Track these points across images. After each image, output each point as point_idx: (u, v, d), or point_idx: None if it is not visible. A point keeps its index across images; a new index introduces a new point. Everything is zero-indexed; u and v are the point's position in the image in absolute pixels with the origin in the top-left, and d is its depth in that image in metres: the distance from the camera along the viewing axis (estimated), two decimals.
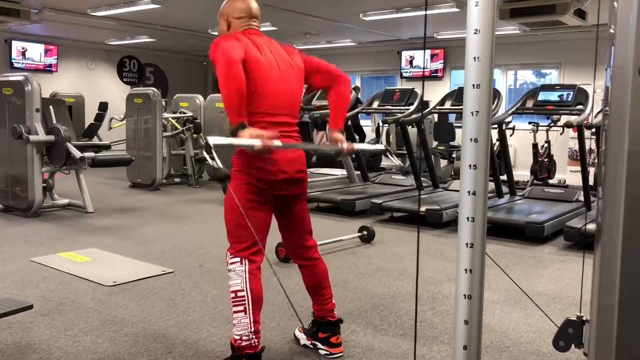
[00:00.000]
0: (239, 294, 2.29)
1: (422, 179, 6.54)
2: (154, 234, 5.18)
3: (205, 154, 2.03)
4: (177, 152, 8.75)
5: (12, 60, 11.62)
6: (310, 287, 2.64)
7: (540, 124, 8.00)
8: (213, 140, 2.01)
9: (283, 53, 2.45)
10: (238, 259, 2.32)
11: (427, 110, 7.38)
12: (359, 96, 10.30)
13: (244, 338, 2.30)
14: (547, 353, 2.69)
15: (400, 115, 6.44)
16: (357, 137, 10.02)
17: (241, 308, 2.29)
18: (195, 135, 8.53)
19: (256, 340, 2.31)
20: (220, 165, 1.98)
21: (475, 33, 1.58)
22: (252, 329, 2.30)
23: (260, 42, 2.38)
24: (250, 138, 2.09)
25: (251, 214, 2.33)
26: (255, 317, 2.31)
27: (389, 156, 2.68)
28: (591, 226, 3.52)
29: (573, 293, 3.61)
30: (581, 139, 5.65)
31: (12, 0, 8.22)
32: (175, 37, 11.44)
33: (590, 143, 7.56)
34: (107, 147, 6.90)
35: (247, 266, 2.31)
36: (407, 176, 2.81)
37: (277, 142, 2.15)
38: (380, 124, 10.82)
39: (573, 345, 1.63)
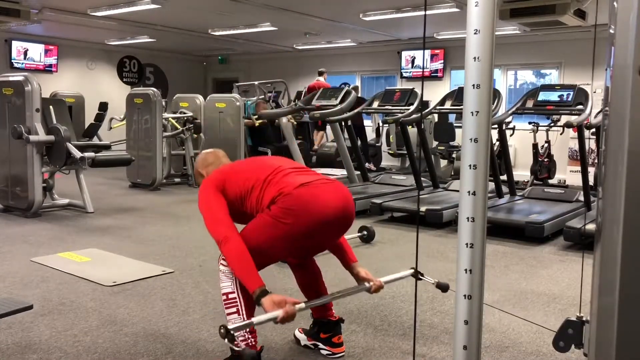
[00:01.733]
0: (230, 295, 2.28)
1: (422, 179, 6.55)
2: (154, 234, 5.18)
3: (227, 343, 1.95)
4: (177, 152, 8.76)
5: (12, 60, 11.62)
6: (305, 286, 2.64)
7: (540, 124, 7.99)
8: (233, 325, 1.98)
9: None
10: None
11: (427, 110, 7.38)
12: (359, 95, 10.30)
13: (240, 339, 2.29)
14: (547, 353, 2.69)
15: (400, 115, 6.45)
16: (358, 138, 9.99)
17: (234, 310, 2.28)
18: (195, 135, 8.53)
19: (253, 340, 2.30)
20: (243, 346, 1.97)
21: (475, 33, 1.58)
22: (248, 330, 2.29)
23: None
24: (272, 306, 2.06)
25: (271, 253, 2.33)
26: (249, 317, 2.30)
27: (422, 278, 2.56)
28: (591, 226, 3.52)
29: (573, 293, 3.61)
30: (581, 139, 5.65)
31: (12, 0, 8.21)
32: (175, 37, 11.44)
33: (590, 143, 7.56)
34: (107, 147, 6.90)
35: None
36: (446, 291, 2.68)
37: (300, 305, 2.15)
38: (381, 124, 10.83)
39: (573, 346, 1.63)
